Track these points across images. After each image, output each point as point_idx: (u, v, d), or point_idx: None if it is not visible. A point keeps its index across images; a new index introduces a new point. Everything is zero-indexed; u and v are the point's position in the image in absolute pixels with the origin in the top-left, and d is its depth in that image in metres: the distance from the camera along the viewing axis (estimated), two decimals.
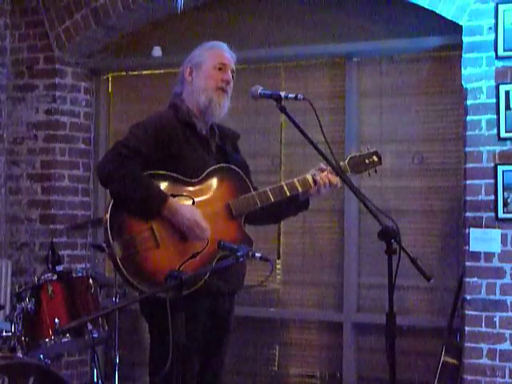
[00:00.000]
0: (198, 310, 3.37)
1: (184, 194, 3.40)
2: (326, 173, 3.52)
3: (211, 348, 3.49)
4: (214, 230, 3.37)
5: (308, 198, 3.62)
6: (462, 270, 5.00)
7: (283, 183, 3.52)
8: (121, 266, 3.26)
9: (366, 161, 3.63)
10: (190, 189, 3.41)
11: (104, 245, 3.38)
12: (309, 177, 3.52)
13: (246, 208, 3.45)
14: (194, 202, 3.40)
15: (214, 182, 3.46)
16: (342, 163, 3.55)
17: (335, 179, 3.51)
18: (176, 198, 3.37)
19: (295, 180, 3.51)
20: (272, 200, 3.46)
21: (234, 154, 3.62)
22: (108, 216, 3.31)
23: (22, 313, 4.39)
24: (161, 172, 3.39)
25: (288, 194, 3.49)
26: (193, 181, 3.41)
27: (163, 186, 3.38)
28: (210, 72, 3.51)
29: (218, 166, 3.48)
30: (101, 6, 5.99)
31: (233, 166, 3.51)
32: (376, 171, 3.69)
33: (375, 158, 3.66)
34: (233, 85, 3.56)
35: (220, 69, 3.52)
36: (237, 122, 5.11)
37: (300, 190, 3.50)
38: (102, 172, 3.43)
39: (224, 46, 3.62)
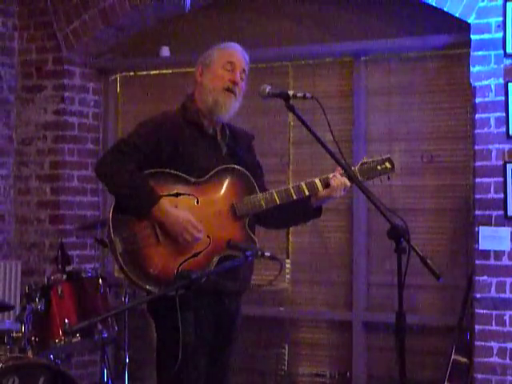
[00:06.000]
0: (205, 310, 3.35)
1: (189, 192, 3.38)
2: (336, 174, 3.46)
3: (218, 348, 3.47)
4: (217, 229, 3.36)
5: (321, 207, 3.55)
6: (472, 269, 4.99)
7: (290, 186, 3.47)
8: (120, 261, 3.28)
9: (378, 167, 3.51)
10: (196, 188, 3.39)
11: (106, 240, 3.39)
12: (317, 180, 3.46)
13: (251, 209, 3.41)
14: (198, 201, 3.38)
15: (220, 182, 3.43)
16: (352, 168, 3.45)
17: (345, 180, 3.45)
18: (181, 197, 3.36)
19: (303, 183, 3.45)
20: (278, 202, 3.41)
21: (246, 155, 3.58)
22: (111, 212, 3.33)
23: (31, 313, 4.39)
24: (166, 170, 3.39)
25: (294, 196, 3.43)
26: (198, 180, 3.40)
27: (168, 184, 3.37)
28: (217, 72, 3.47)
29: (225, 166, 3.45)
30: (109, 7, 6.01)
31: (239, 167, 3.47)
32: (389, 178, 3.55)
33: (388, 165, 3.53)
34: (244, 85, 3.50)
35: (228, 69, 3.47)
36: (245, 121, 5.10)
37: (307, 193, 3.44)
38: (99, 166, 3.46)
39: (236, 46, 3.56)
